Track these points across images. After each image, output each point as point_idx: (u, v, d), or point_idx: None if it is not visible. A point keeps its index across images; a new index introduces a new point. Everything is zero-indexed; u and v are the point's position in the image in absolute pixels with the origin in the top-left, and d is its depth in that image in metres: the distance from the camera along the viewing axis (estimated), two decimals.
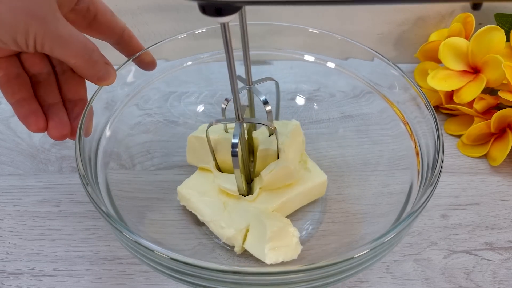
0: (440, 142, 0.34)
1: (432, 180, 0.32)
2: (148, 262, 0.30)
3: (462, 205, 0.45)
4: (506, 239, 0.42)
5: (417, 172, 0.37)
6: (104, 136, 0.40)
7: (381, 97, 0.43)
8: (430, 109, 0.37)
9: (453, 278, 0.39)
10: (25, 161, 0.49)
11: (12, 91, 0.34)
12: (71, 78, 0.36)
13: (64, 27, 0.30)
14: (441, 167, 0.33)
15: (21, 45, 0.29)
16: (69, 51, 0.31)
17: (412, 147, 0.39)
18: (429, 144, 0.36)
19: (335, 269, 0.28)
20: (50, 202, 0.45)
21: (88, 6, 0.35)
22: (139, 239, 0.28)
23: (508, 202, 0.45)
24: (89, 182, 0.32)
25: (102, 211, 0.30)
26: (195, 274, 0.28)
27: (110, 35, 0.38)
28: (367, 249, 0.28)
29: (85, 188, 0.31)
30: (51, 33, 0.29)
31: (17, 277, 0.39)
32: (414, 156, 0.38)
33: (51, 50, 0.30)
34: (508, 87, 0.47)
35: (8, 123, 0.52)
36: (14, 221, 0.43)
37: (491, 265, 0.40)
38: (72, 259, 0.40)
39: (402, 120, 0.41)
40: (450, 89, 0.50)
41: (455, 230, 0.43)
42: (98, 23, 0.36)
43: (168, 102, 0.47)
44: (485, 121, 0.49)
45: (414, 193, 0.35)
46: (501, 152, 0.48)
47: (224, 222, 0.38)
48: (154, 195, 0.43)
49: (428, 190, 0.31)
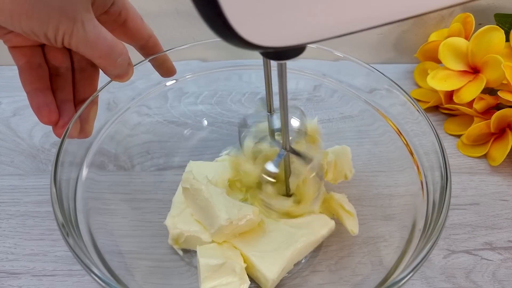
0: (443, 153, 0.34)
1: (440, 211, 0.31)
2: None
3: (462, 205, 0.45)
4: (505, 239, 0.42)
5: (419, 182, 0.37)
6: (101, 137, 0.40)
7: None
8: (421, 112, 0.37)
9: (453, 278, 0.39)
10: (25, 161, 0.49)
11: (31, 79, 0.35)
12: (87, 77, 0.38)
13: (93, 30, 0.32)
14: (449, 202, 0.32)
15: (50, 39, 0.30)
16: (95, 52, 0.32)
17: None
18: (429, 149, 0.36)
19: None
20: (50, 202, 0.44)
21: (120, 11, 0.37)
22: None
23: (507, 202, 0.45)
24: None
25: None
26: None
27: (136, 40, 0.39)
28: None
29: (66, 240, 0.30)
30: (79, 34, 0.31)
31: (17, 277, 0.39)
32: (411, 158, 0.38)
33: (77, 48, 0.32)
34: (508, 87, 0.48)
35: (8, 123, 0.52)
36: (14, 221, 0.43)
37: (491, 265, 0.40)
38: (72, 259, 0.40)
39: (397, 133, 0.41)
40: (450, 89, 0.50)
41: (454, 230, 0.43)
42: (127, 27, 0.38)
43: (168, 102, 0.47)
44: (485, 121, 0.49)
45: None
46: (501, 152, 0.48)
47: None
48: (153, 197, 0.43)
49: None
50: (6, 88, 0.56)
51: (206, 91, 0.49)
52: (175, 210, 0.39)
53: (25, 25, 0.29)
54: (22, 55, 0.35)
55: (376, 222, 0.40)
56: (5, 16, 0.29)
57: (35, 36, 0.30)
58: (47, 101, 0.35)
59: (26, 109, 0.54)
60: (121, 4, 0.37)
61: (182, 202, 0.39)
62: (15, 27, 0.29)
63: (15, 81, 0.35)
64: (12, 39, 0.34)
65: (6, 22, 0.29)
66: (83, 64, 0.37)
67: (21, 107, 0.54)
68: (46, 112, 0.35)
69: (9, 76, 0.57)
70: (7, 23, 0.29)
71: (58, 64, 0.36)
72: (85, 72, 0.37)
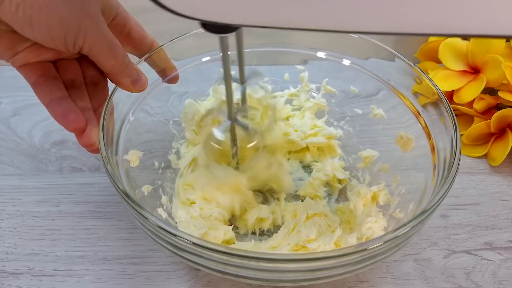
0: (456, 141, 0.34)
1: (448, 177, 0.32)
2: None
3: (462, 205, 0.45)
4: (505, 239, 0.42)
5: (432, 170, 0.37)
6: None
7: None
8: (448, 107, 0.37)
9: (453, 278, 0.39)
10: (25, 161, 0.49)
11: (49, 90, 0.33)
12: (99, 90, 0.37)
13: (109, 31, 0.33)
14: (458, 163, 0.33)
15: (68, 43, 0.30)
16: (112, 53, 0.33)
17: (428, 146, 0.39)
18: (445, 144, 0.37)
19: (348, 261, 0.29)
20: (50, 202, 0.45)
21: (124, 22, 0.37)
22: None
23: (507, 202, 0.45)
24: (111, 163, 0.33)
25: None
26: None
27: (140, 49, 0.40)
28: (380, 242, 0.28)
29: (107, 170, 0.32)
30: (101, 33, 0.31)
31: (17, 277, 0.39)
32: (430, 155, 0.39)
33: (96, 51, 0.32)
34: (508, 87, 0.47)
35: (8, 123, 0.52)
36: (14, 221, 0.43)
37: (491, 265, 0.40)
38: (72, 259, 0.40)
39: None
40: (450, 89, 0.50)
41: (455, 230, 0.43)
42: (131, 37, 0.39)
43: (169, 102, 0.47)
44: (485, 121, 0.49)
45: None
46: (501, 152, 0.48)
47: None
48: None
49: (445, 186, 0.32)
50: (6, 88, 0.56)
51: (207, 91, 0.49)
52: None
53: (44, 29, 0.29)
54: (35, 69, 0.34)
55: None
56: (26, 21, 0.28)
57: (52, 43, 0.30)
58: (70, 107, 0.33)
59: (26, 109, 0.54)
60: (124, 15, 0.37)
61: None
62: (34, 33, 0.29)
63: (15, 81, 0.35)
64: (22, 58, 0.33)
65: (24, 27, 0.29)
66: (95, 78, 0.37)
67: (21, 107, 0.54)
68: (73, 118, 0.33)
69: (9, 76, 0.57)
70: (25, 28, 0.29)
71: (72, 76, 0.36)
72: (98, 86, 0.37)
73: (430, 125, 0.39)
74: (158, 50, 0.41)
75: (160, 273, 0.39)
